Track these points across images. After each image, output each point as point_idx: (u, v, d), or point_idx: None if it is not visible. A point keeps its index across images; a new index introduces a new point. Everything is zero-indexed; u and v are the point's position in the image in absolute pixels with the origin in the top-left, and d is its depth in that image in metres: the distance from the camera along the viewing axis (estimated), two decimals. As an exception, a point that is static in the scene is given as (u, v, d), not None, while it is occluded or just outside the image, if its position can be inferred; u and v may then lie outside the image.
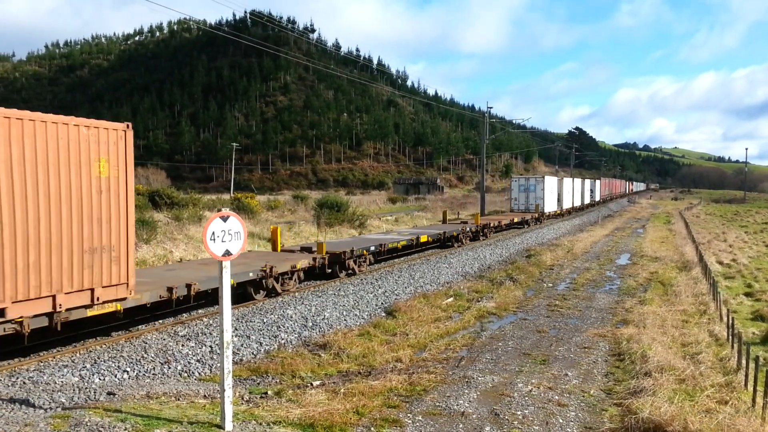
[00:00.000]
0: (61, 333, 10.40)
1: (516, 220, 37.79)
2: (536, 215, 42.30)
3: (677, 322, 14.46)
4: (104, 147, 10.30)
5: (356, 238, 24.79)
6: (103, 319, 11.35)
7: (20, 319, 9.08)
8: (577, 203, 57.13)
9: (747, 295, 19.41)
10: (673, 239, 36.83)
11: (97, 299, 10.21)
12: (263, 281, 15.04)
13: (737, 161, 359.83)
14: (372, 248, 20.30)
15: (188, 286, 12.30)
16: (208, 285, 12.88)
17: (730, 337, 12.05)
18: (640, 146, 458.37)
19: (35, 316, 9.33)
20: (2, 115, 8.84)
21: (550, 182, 46.97)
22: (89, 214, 10.06)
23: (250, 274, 14.43)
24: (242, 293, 14.78)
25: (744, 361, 9.91)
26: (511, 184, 46.55)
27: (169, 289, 11.89)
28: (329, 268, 18.12)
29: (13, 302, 8.94)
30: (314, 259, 17.28)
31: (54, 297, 9.55)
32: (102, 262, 10.28)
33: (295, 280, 16.44)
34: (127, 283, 10.73)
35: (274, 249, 19.01)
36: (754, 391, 8.66)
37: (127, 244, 10.71)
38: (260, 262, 15.40)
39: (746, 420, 7.60)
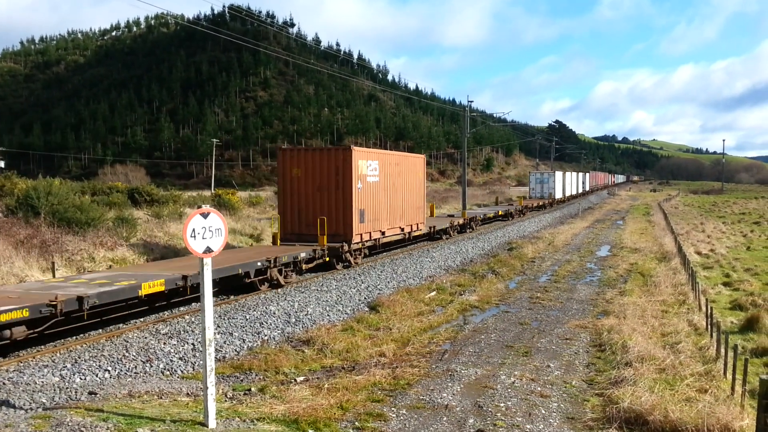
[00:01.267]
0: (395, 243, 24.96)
1: (541, 204, 53.84)
2: (550, 201, 56.65)
3: (657, 313, 14.62)
4: (420, 165, 26.17)
5: (474, 211, 39.98)
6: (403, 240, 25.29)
7: (406, 231, 24.18)
8: (574, 192, 73.51)
9: (725, 284, 19.65)
10: (653, 230, 37.20)
11: (417, 228, 25.45)
12: (447, 230, 29.81)
13: (714, 152, 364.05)
14: (482, 216, 36.66)
15: (433, 227, 27.95)
16: (441, 227, 29.12)
17: (709, 326, 12.19)
18: (620, 138, 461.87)
19: (409, 231, 24.54)
20: (397, 154, 25.18)
21: (559, 176, 62.10)
22: (417, 193, 25.38)
23: (446, 226, 29.57)
24: (437, 236, 28.95)
25: (723, 350, 10.03)
26: (530, 177, 62.61)
27: (430, 227, 27.42)
28: (468, 227, 32.75)
29: (405, 226, 24.00)
30: (463, 219, 32.58)
31: (411, 226, 24.70)
32: (419, 213, 25.70)
33: (455, 232, 30.93)
34: (424, 223, 26.39)
35: (432, 215, 31.69)
36: (733, 379, 8.78)
37: (424, 206, 26.49)
38: (446, 220, 30.97)
39: (726, 408, 7.69)
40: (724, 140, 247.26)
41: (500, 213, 40.09)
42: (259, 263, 15.32)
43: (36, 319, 9.81)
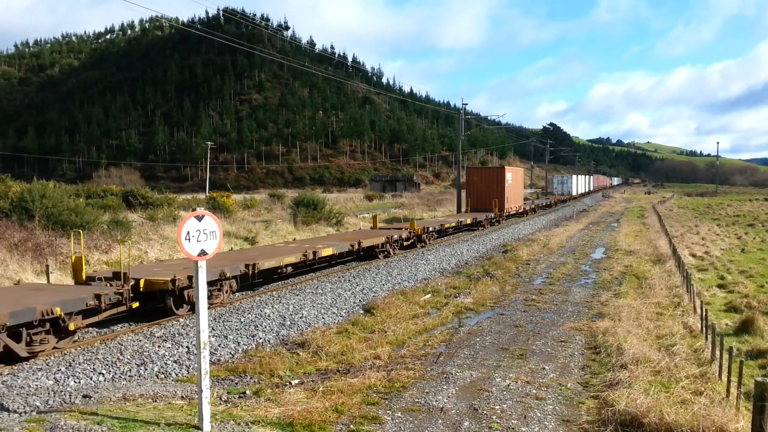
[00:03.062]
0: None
1: (563, 198, 71.57)
2: (568, 197, 75.18)
3: (652, 315, 14.64)
4: (522, 173, 50.71)
5: (537, 200, 59.55)
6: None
7: (518, 210, 44.94)
8: (582, 191, 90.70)
9: (720, 287, 19.68)
10: (647, 233, 37.29)
11: (521, 209, 45.97)
12: (527, 210, 48.70)
13: (709, 155, 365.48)
14: (541, 204, 54.64)
15: (522, 208, 47.46)
16: (525, 209, 48.44)
17: (704, 328, 12.22)
18: (614, 141, 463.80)
19: (518, 209, 45.37)
20: (515, 169, 46.51)
21: (574, 178, 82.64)
22: (521, 188, 47.69)
23: (527, 208, 48.99)
24: (524, 214, 48.21)
25: (718, 352, 10.04)
26: (553, 180, 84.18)
27: (523, 209, 47.37)
28: (533, 211, 49.75)
29: (517, 207, 44.61)
30: (534, 205, 52.94)
31: (519, 206, 45.37)
32: (521, 200, 47.23)
33: (531, 212, 50.20)
34: (523, 206, 46.93)
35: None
36: (728, 381, 8.79)
37: (523, 196, 51.90)
38: (525, 205, 49.35)
39: (721, 410, 7.70)
40: (718, 143, 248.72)
41: (546, 203, 58.74)
42: (484, 217, 35.72)
43: (458, 226, 32.81)
